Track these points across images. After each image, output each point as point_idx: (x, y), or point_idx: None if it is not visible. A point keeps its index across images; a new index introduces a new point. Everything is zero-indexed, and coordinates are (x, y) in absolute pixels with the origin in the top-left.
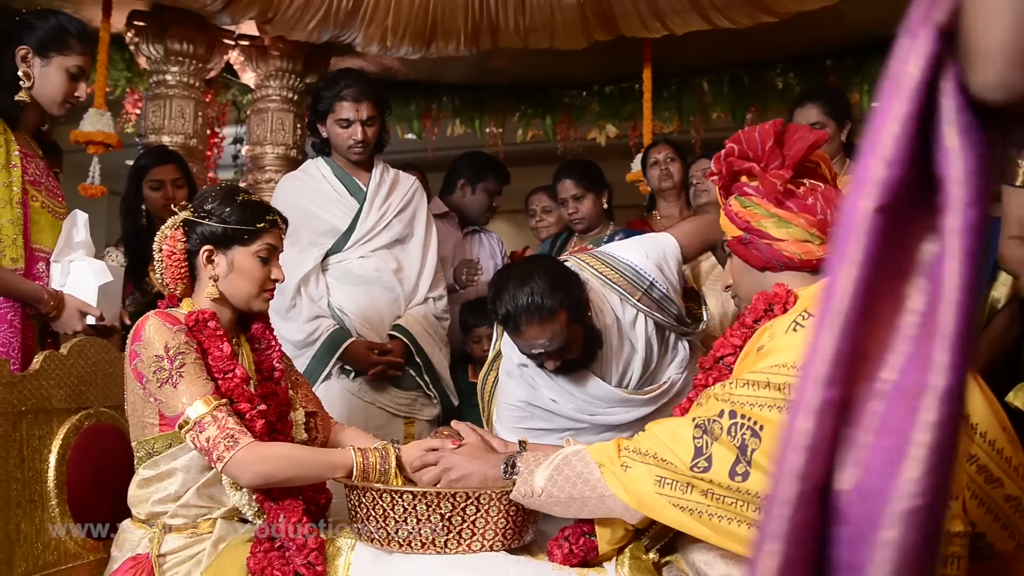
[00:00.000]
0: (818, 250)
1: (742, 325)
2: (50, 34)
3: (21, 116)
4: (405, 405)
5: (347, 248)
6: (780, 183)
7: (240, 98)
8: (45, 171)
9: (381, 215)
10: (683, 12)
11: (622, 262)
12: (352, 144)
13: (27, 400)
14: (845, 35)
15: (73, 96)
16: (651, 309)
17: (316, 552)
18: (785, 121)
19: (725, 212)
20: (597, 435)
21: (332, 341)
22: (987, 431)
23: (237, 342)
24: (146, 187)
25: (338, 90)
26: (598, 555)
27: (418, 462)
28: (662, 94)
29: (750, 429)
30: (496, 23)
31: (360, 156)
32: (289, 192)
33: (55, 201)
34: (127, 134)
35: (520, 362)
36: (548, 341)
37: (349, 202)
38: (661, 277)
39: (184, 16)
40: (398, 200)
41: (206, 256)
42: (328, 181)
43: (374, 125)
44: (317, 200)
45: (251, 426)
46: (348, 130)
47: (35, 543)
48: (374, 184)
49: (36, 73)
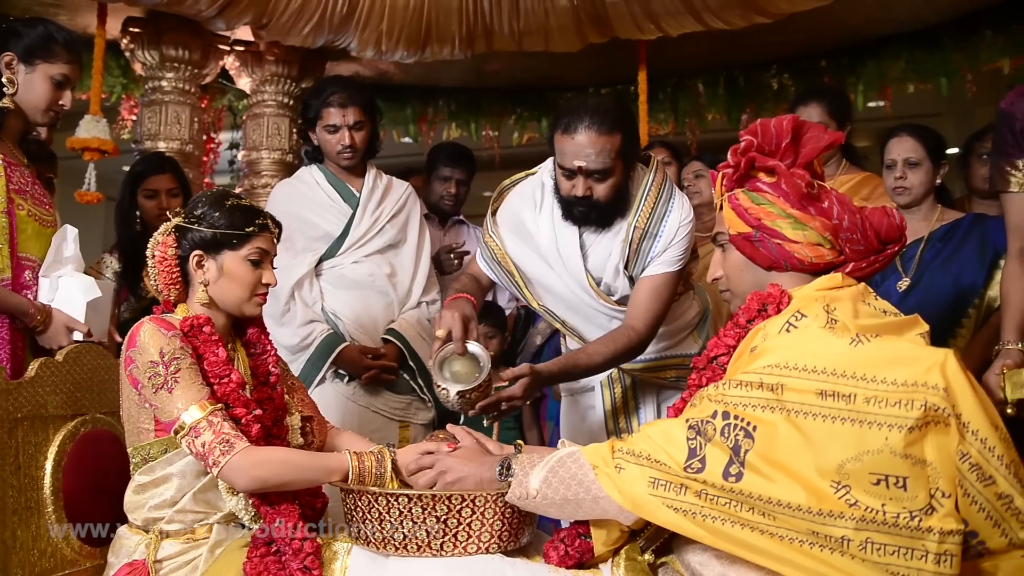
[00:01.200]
0: (828, 254)
1: (735, 325)
2: (36, 42)
3: (4, 123)
4: (400, 409)
5: (341, 253)
6: (804, 184)
7: (236, 103)
8: (31, 179)
9: (374, 220)
10: (677, 14)
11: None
12: (340, 149)
13: (23, 407)
14: (839, 35)
15: (57, 104)
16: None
17: (312, 556)
18: None
19: (731, 206)
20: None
21: (325, 346)
22: (979, 429)
23: (232, 347)
24: (141, 195)
25: (324, 96)
26: (594, 557)
27: (414, 465)
28: (657, 96)
29: (743, 430)
30: (490, 26)
31: (350, 161)
32: (283, 199)
33: (42, 209)
34: (123, 140)
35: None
36: (594, 155)
37: (342, 208)
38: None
39: (179, 22)
40: (391, 205)
41: (196, 261)
42: (321, 187)
43: (363, 130)
44: (311, 206)
45: (247, 431)
46: (336, 135)
47: (31, 550)
48: (367, 190)
49: (20, 80)
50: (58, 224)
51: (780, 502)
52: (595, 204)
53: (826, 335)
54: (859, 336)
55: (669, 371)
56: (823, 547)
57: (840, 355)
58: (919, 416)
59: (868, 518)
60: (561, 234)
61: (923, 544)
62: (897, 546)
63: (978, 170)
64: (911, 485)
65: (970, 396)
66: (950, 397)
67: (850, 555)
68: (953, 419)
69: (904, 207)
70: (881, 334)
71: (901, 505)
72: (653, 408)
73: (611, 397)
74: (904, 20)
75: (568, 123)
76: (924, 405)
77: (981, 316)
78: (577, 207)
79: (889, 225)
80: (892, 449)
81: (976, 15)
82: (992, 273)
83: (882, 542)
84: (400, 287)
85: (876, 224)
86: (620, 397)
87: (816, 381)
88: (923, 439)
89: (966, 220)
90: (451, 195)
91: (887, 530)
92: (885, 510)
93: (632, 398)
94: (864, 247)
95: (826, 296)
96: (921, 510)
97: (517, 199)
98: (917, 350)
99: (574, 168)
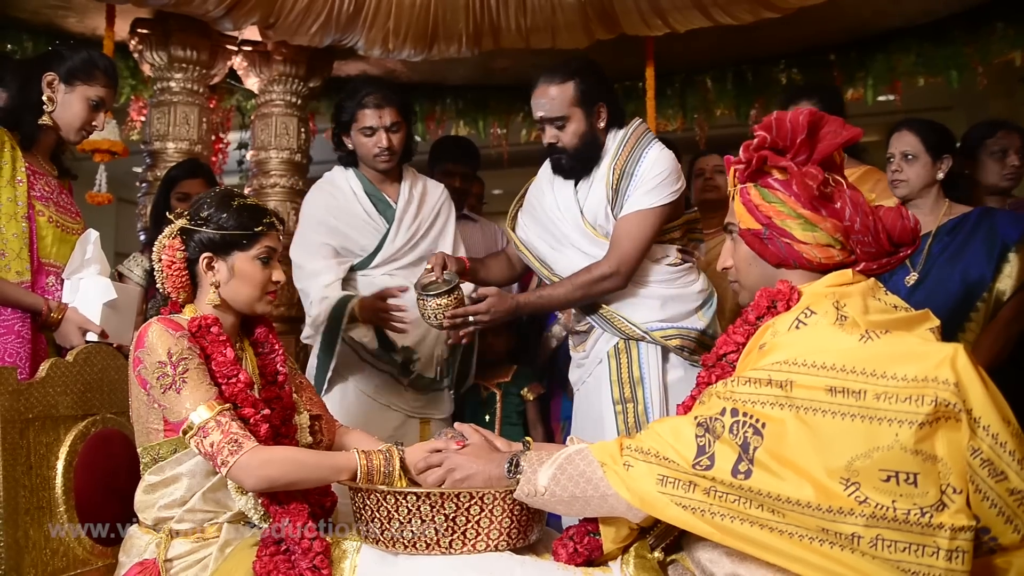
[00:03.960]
0: (838, 255)
1: (745, 322)
2: (78, 64)
3: (40, 138)
4: (420, 406)
5: (372, 266)
6: (816, 185)
7: (244, 103)
8: (57, 188)
9: (409, 237)
10: (684, 9)
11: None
12: (378, 152)
13: (34, 407)
14: (848, 29)
15: (91, 125)
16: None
17: (322, 555)
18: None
19: (742, 200)
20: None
21: (337, 308)
22: (990, 425)
23: (241, 347)
24: (174, 198)
25: (359, 98)
26: (603, 554)
27: (422, 463)
28: (665, 92)
29: (752, 427)
30: (497, 24)
31: (388, 164)
32: (320, 208)
33: (66, 216)
34: (132, 141)
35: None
36: (549, 104)
37: (379, 224)
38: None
39: (187, 23)
40: (427, 214)
41: (206, 263)
42: (359, 199)
43: (399, 131)
44: (347, 219)
45: (255, 430)
46: (372, 138)
47: (43, 549)
48: (403, 201)
49: (59, 99)
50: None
51: (789, 499)
52: (564, 151)
53: (835, 331)
54: (869, 332)
55: (674, 339)
56: (833, 544)
57: (849, 351)
58: (929, 412)
59: (879, 515)
60: (559, 191)
61: (934, 541)
62: (908, 543)
63: (991, 166)
64: (922, 481)
65: (980, 391)
66: (960, 392)
67: (861, 552)
68: (964, 414)
69: (903, 200)
70: (891, 330)
71: (912, 501)
72: (659, 381)
73: (617, 367)
74: (913, 13)
75: (533, 81)
76: (935, 400)
77: (990, 309)
78: (553, 156)
79: (903, 228)
80: (902, 445)
81: (986, 7)
82: (1000, 266)
83: (893, 539)
84: None
85: (889, 226)
86: (627, 367)
87: (826, 378)
88: (934, 435)
89: (974, 214)
90: (455, 190)
91: (898, 527)
92: (896, 507)
93: (637, 367)
94: (876, 249)
95: (836, 292)
96: (932, 506)
97: (532, 186)
98: (927, 345)
99: (538, 118)
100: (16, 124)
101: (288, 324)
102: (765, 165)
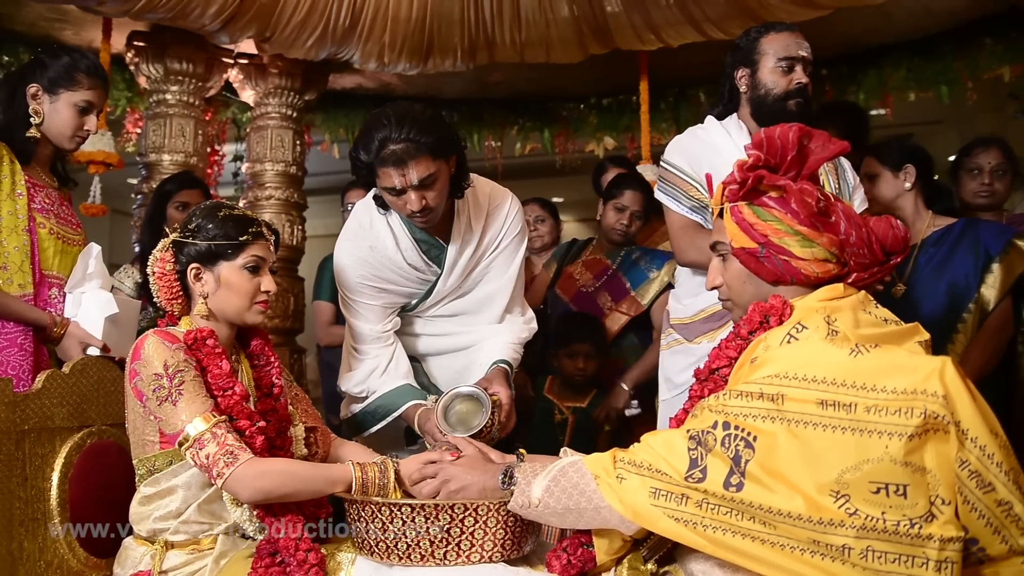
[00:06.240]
0: (834, 269)
1: (737, 336)
2: (59, 72)
3: (35, 151)
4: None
5: (416, 312)
6: (814, 202)
7: (239, 116)
8: (58, 200)
9: (457, 285)
10: (677, 25)
11: None
12: (411, 214)
13: (29, 419)
14: (839, 44)
15: (83, 130)
16: None
17: (317, 567)
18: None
19: (735, 220)
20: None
21: (385, 410)
22: (978, 436)
23: (236, 359)
24: (171, 208)
25: (376, 149)
26: (596, 566)
27: (417, 475)
28: (659, 105)
29: (744, 440)
30: (492, 38)
31: (426, 224)
32: (358, 264)
33: (67, 228)
34: (128, 153)
35: None
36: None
37: (426, 272)
38: None
39: (183, 36)
40: (490, 243)
41: (194, 274)
42: (401, 248)
43: (434, 185)
44: (389, 274)
45: (251, 442)
46: (400, 199)
47: (38, 561)
48: (454, 250)
49: (45, 109)
50: (85, 244)
51: (780, 511)
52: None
53: (826, 346)
54: (859, 346)
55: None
56: (824, 556)
57: (840, 365)
58: (919, 424)
59: (869, 526)
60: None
61: (924, 551)
62: (898, 554)
63: (967, 184)
64: (911, 493)
65: (969, 403)
66: (949, 404)
67: (851, 563)
68: (952, 426)
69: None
70: (881, 343)
71: (901, 513)
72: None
73: None
74: (904, 29)
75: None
76: (924, 413)
77: (977, 319)
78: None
79: (894, 237)
80: (892, 457)
81: (975, 23)
82: (984, 277)
83: (883, 550)
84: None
85: (881, 236)
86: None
87: (816, 391)
88: (923, 447)
89: (958, 225)
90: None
91: (888, 538)
92: (885, 518)
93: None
94: (869, 260)
95: (827, 307)
96: (921, 517)
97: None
98: (915, 359)
99: (799, 57)
100: (11, 139)
101: (283, 336)
102: (760, 184)
